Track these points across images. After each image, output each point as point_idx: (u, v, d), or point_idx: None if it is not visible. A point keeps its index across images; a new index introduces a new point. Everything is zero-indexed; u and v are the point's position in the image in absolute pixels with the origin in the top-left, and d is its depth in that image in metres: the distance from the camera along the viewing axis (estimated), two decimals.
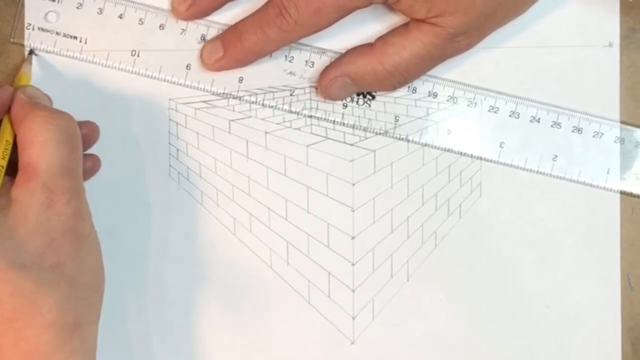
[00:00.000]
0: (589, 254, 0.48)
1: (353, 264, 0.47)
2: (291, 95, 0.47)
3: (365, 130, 0.48)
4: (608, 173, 0.47)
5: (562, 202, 0.48)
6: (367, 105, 0.48)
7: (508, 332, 0.48)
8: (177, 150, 0.47)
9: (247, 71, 0.47)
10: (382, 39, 0.45)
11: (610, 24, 0.47)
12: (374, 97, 0.48)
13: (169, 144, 0.47)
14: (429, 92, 0.48)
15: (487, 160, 0.48)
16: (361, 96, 0.48)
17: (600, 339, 0.48)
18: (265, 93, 0.47)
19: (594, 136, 0.47)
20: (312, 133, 0.47)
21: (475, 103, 0.48)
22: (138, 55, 0.47)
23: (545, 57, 0.48)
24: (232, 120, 0.47)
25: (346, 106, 0.48)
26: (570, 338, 0.48)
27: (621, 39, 0.47)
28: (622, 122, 0.47)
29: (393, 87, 0.46)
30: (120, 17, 0.47)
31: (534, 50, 0.48)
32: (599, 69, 0.48)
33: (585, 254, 0.48)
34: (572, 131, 0.47)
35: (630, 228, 0.48)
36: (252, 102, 0.47)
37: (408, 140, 0.48)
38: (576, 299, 0.48)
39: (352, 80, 0.46)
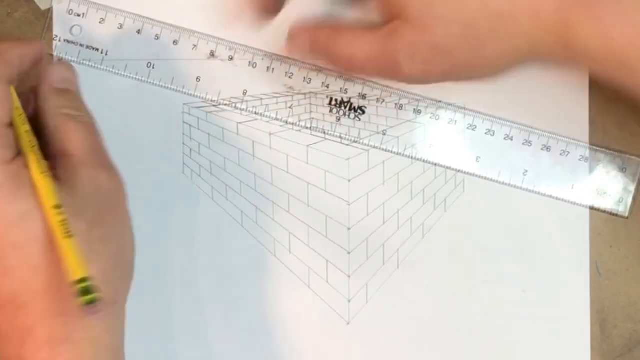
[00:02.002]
0: (561, 243, 0.48)
1: (349, 252, 0.49)
2: (289, 108, 0.48)
3: (355, 141, 0.48)
4: (572, 188, 0.48)
5: (537, 197, 0.48)
6: (358, 119, 0.49)
7: (487, 314, 0.49)
8: (190, 149, 0.49)
9: (251, 85, 0.48)
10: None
11: None
12: (364, 112, 0.49)
13: (183, 144, 0.48)
14: (414, 109, 0.48)
15: (464, 173, 0.48)
16: (352, 110, 0.48)
17: (571, 320, 0.48)
18: (266, 105, 0.48)
19: (561, 154, 0.48)
20: (312, 134, 0.48)
21: (456, 121, 0.48)
22: (153, 67, 0.48)
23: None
24: (240, 123, 0.48)
25: (339, 119, 0.49)
26: (544, 319, 0.48)
27: None
28: (590, 144, 0.48)
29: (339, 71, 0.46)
30: (139, 32, 0.48)
31: None
32: (571, 73, 0.48)
33: (558, 244, 0.48)
34: (542, 149, 0.48)
35: (599, 220, 0.48)
36: (254, 113, 0.48)
37: (394, 153, 0.48)
38: (550, 284, 0.48)
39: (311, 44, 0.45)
